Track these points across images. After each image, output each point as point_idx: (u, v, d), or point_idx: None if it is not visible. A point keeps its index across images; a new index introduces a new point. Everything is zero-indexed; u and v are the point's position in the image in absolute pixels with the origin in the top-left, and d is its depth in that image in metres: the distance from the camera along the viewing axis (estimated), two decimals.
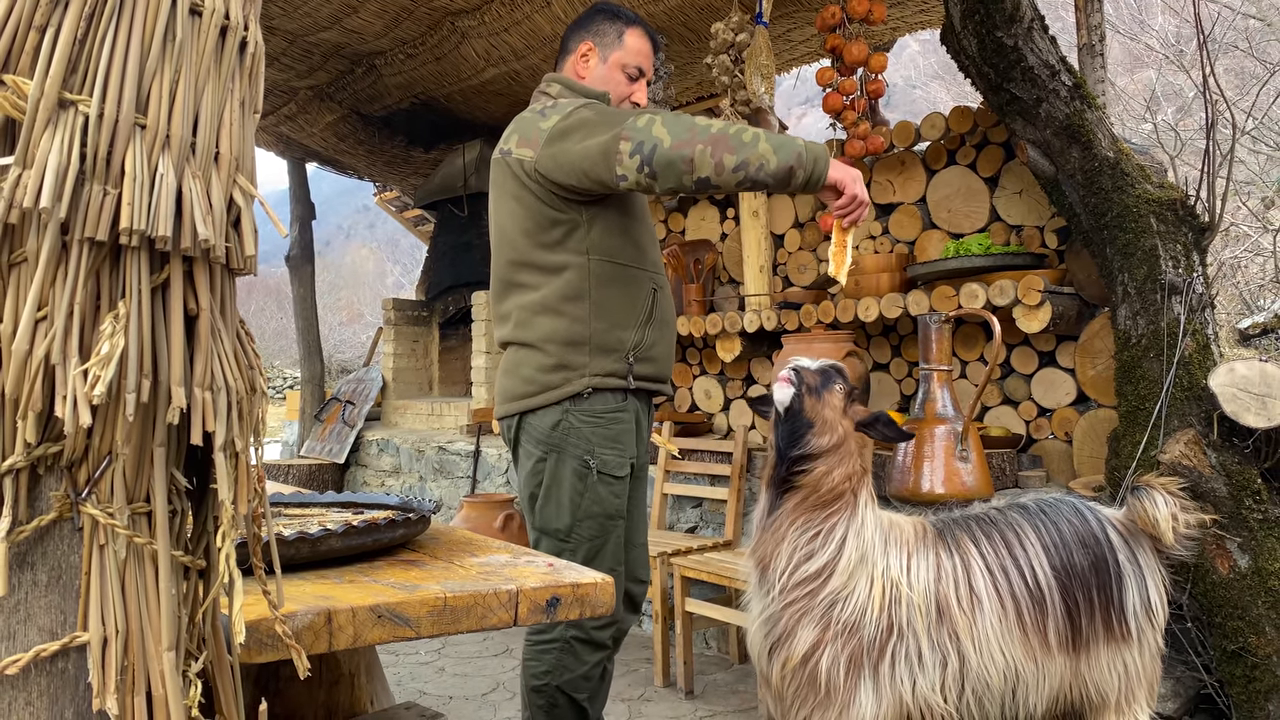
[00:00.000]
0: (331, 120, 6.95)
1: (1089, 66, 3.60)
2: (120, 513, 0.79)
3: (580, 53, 2.46)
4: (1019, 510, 2.21)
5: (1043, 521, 2.17)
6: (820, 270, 4.59)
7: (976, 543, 2.13)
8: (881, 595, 2.03)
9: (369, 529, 1.48)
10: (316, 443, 7.30)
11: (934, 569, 2.08)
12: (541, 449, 2.31)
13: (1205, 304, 2.94)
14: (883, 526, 2.13)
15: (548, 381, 2.29)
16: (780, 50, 5.68)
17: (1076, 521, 2.18)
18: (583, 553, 2.28)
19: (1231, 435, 2.73)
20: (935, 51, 17.42)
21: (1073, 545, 2.13)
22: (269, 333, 22.26)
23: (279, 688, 1.78)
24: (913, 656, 2.02)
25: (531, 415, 2.32)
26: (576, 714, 2.32)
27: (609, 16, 2.47)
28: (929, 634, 2.03)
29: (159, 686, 0.79)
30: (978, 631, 2.03)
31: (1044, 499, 2.25)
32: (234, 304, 0.87)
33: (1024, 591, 2.08)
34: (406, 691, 3.75)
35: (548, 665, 2.29)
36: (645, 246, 2.41)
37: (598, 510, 2.30)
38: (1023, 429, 3.87)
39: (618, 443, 2.33)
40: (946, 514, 2.25)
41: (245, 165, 0.86)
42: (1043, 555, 2.11)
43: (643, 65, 2.47)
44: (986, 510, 2.24)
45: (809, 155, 2.05)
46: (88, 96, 0.77)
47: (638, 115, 2.09)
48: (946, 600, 2.05)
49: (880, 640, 2.01)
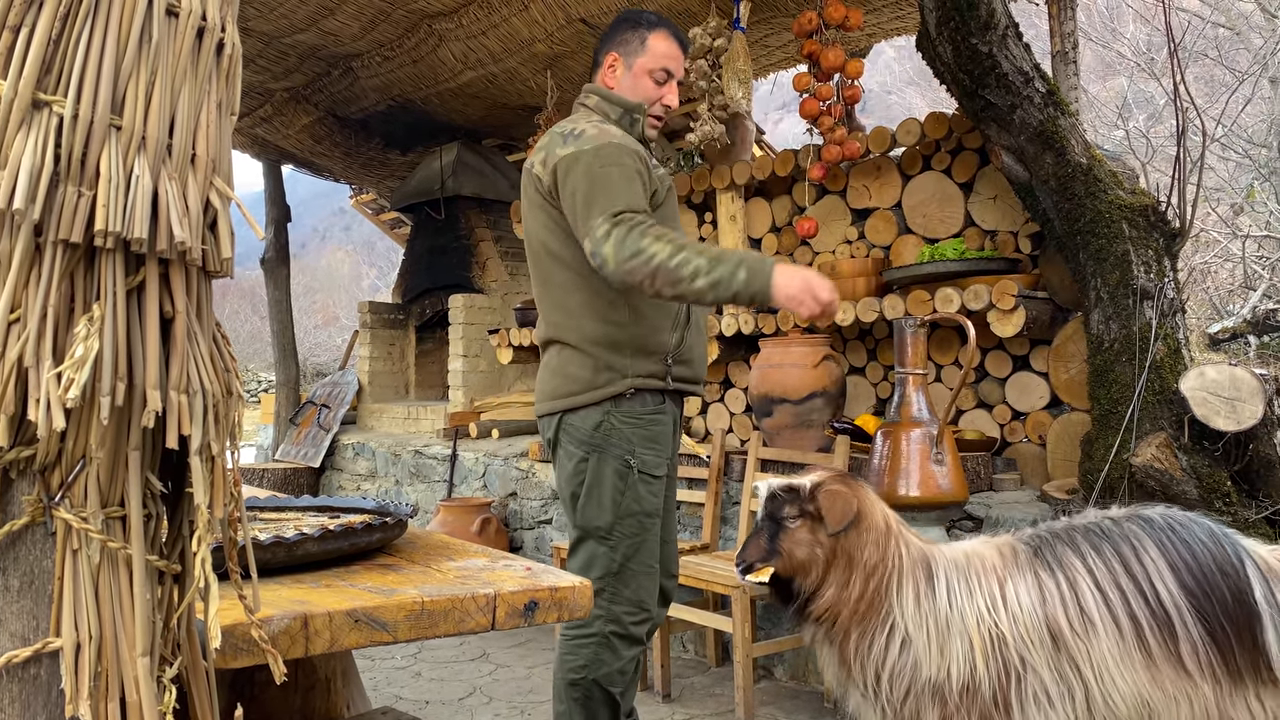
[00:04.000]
0: (308, 122, 6.91)
1: (1062, 73, 3.64)
2: (94, 517, 0.78)
3: (608, 64, 2.52)
4: (1140, 522, 1.98)
5: (1170, 538, 1.93)
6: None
7: (1084, 557, 1.93)
8: (982, 643, 1.87)
9: (345, 533, 1.48)
10: (292, 446, 7.24)
11: (1036, 591, 1.90)
12: (584, 449, 2.37)
13: (1176, 309, 2.98)
14: (959, 568, 1.97)
15: (592, 381, 2.36)
16: (757, 56, 5.71)
17: (1211, 545, 1.92)
18: (623, 550, 2.35)
19: (1202, 438, 2.76)
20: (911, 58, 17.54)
21: (1208, 568, 1.89)
22: (244, 336, 22.11)
23: (254, 693, 1.76)
24: (1040, 694, 1.86)
25: (573, 415, 2.38)
26: (610, 707, 2.38)
27: (631, 25, 2.52)
28: (1049, 665, 1.86)
29: (133, 692, 0.78)
30: (1095, 656, 1.85)
31: (1173, 514, 2.00)
32: (210, 307, 0.87)
33: (1145, 610, 1.86)
34: (383, 696, 3.73)
35: (585, 659, 2.34)
36: None
37: (638, 509, 2.36)
38: (997, 432, 3.91)
39: (656, 443, 2.40)
40: (1044, 527, 2.06)
41: (222, 167, 0.86)
42: (1167, 573, 1.88)
43: (669, 67, 2.50)
44: (1097, 520, 2.01)
45: (747, 291, 2.10)
46: (62, 97, 0.76)
47: (601, 221, 2.20)
48: (1057, 624, 1.87)
49: (1001, 689, 1.86)
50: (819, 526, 2.00)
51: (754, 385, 4.00)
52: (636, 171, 2.31)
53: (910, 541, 2.03)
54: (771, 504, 2.06)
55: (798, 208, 4.64)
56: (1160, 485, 2.69)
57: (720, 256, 2.13)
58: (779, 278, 2.11)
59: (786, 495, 2.04)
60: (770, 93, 7.41)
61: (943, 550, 2.04)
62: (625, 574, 2.35)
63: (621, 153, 2.32)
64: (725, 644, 4.06)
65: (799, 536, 2.01)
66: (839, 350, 4.41)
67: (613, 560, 2.35)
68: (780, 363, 3.88)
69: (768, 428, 3.94)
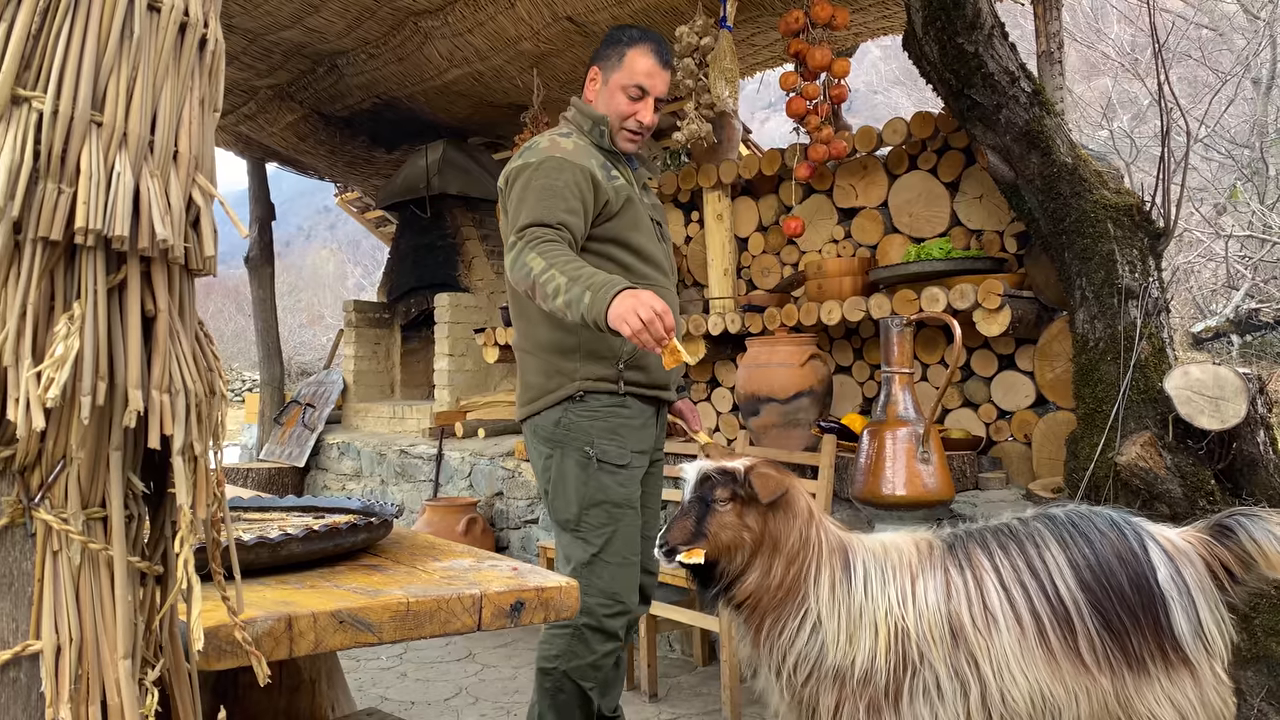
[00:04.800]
0: (292, 120, 6.87)
1: (1047, 73, 3.65)
2: (75, 518, 0.77)
3: (590, 77, 2.59)
4: (1045, 520, 2.04)
5: (1070, 534, 1.99)
6: (783, 273, 4.61)
7: (991, 555, 1.98)
8: (888, 636, 1.91)
9: (330, 533, 1.47)
10: (276, 446, 7.21)
11: (943, 588, 1.94)
12: (548, 446, 2.46)
13: (1161, 308, 2.99)
14: (876, 559, 2.00)
15: (545, 386, 2.47)
16: (744, 54, 5.70)
17: (1111, 535, 1.98)
18: (595, 541, 2.38)
19: (1186, 437, 2.78)
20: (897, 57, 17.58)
21: (1107, 559, 1.94)
22: (228, 335, 22.00)
23: (238, 695, 1.75)
24: (930, 688, 1.89)
25: (537, 416, 2.48)
26: (581, 702, 2.39)
27: (613, 41, 2.56)
28: (946, 661, 1.89)
29: (114, 695, 0.77)
30: (995, 652, 1.88)
31: (1077, 509, 2.06)
32: (193, 305, 0.86)
33: (1045, 608, 1.91)
34: (368, 697, 3.71)
35: (558, 650, 2.37)
36: (647, 257, 2.53)
37: (602, 498, 2.40)
38: (983, 431, 3.92)
39: (616, 434, 2.44)
40: (963, 526, 2.11)
41: (205, 164, 0.85)
42: (1066, 568, 1.94)
43: (644, 84, 2.52)
44: (1007, 521, 2.07)
45: (590, 315, 2.10)
46: (42, 93, 0.75)
47: (512, 235, 2.32)
48: (960, 620, 1.91)
49: (895, 679, 1.90)
50: (748, 510, 1.99)
51: (741, 384, 4.00)
52: (572, 184, 2.36)
53: (830, 529, 2.04)
54: (702, 486, 2.03)
55: (784, 207, 4.64)
56: (1145, 484, 2.70)
57: (578, 278, 2.14)
58: (614, 305, 2.07)
59: (719, 477, 2.02)
60: (757, 91, 7.42)
61: (862, 539, 2.06)
62: (597, 565, 2.37)
63: (561, 168, 2.37)
64: (712, 643, 4.06)
65: (727, 519, 1.99)
66: (826, 349, 4.41)
67: (585, 551, 2.39)
68: (767, 362, 3.88)
69: (755, 427, 3.94)
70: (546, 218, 2.30)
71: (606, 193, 2.44)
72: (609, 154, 2.55)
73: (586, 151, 2.47)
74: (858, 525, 3.37)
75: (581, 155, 2.44)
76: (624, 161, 2.61)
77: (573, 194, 2.36)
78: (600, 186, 2.43)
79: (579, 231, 2.37)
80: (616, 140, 2.56)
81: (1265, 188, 9.70)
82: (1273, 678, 2.53)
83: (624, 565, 2.41)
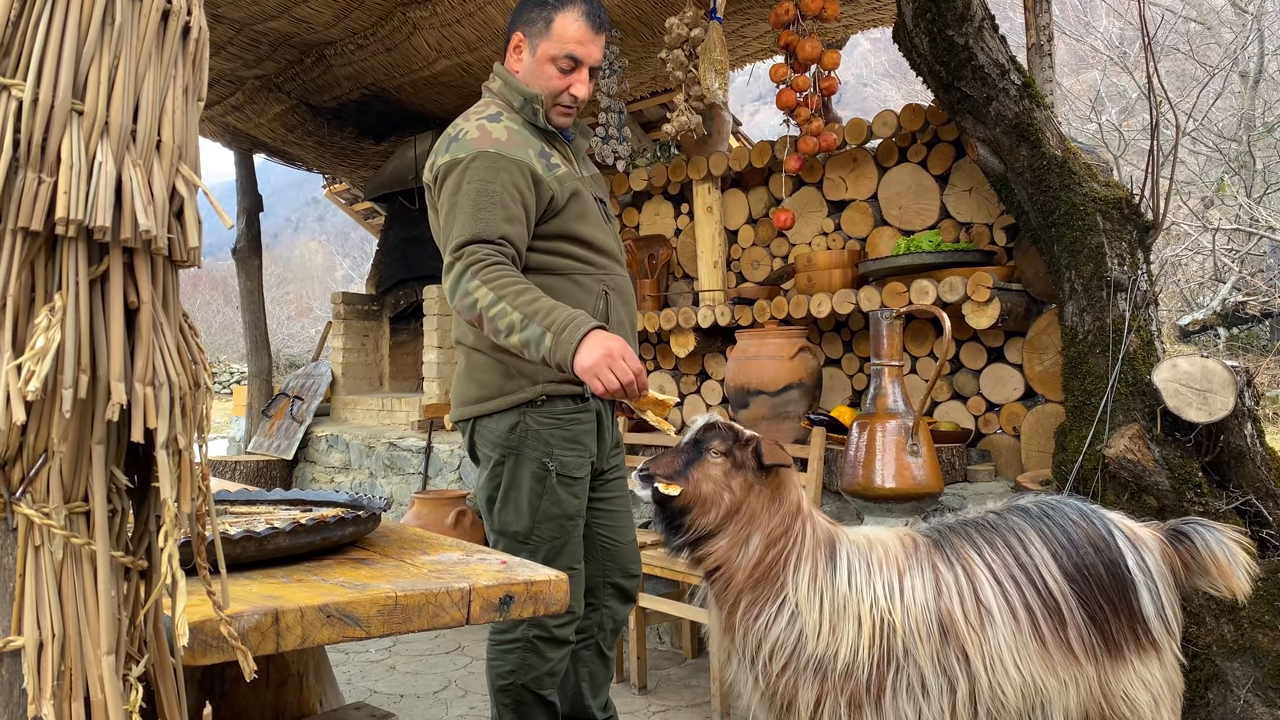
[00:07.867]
0: (280, 111, 6.82)
1: (1037, 66, 3.65)
2: (57, 512, 0.76)
3: (513, 45, 2.33)
4: (1019, 513, 2.05)
5: (1047, 524, 2.01)
6: (773, 266, 4.61)
7: (979, 550, 1.97)
8: (872, 629, 1.89)
9: (318, 527, 1.46)
10: (264, 439, 7.18)
11: (933, 584, 1.92)
12: (499, 452, 2.28)
13: (1149, 301, 3.00)
14: (861, 551, 1.97)
15: (502, 387, 2.27)
16: (734, 46, 5.69)
17: (1083, 524, 2.01)
18: (542, 554, 2.27)
19: (1174, 430, 2.79)
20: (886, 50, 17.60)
21: (1084, 548, 1.97)
22: (215, 327, 21.92)
23: (224, 690, 1.74)
24: (914, 685, 1.87)
25: (486, 419, 2.30)
26: (544, 709, 2.33)
27: (537, 2, 2.29)
28: (932, 659, 1.88)
29: (98, 691, 0.77)
30: (989, 648, 1.88)
31: (1045, 500, 2.08)
32: (177, 297, 0.85)
33: (1037, 600, 1.92)
34: (357, 690, 3.70)
35: (512, 665, 2.28)
36: (598, 248, 2.35)
37: (557, 512, 2.27)
38: (972, 424, 3.93)
39: (577, 443, 2.30)
40: (940, 520, 2.10)
41: (189, 154, 0.84)
42: (1051, 560, 1.95)
43: (576, 54, 2.26)
44: (983, 515, 2.07)
45: (553, 359, 1.98)
46: (21, 81, 0.74)
47: (449, 254, 2.13)
48: (951, 617, 1.90)
49: (879, 675, 1.88)
50: (736, 473, 1.97)
51: (730, 377, 4.00)
52: (510, 187, 2.15)
53: (819, 524, 2.03)
54: (705, 433, 2.01)
55: (774, 199, 4.64)
56: (1133, 476, 2.71)
57: (534, 314, 1.99)
58: (582, 352, 1.94)
59: (724, 431, 2.00)
60: (747, 84, 7.42)
61: (848, 532, 2.05)
62: None
63: (496, 167, 2.15)
64: (701, 636, 4.06)
65: (713, 471, 1.96)
66: (815, 342, 4.41)
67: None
68: (757, 355, 3.88)
69: (744, 419, 3.94)
70: (485, 232, 2.09)
71: (550, 188, 2.23)
72: (544, 134, 2.32)
73: (522, 139, 2.23)
74: (846, 517, 3.38)
75: (516, 146, 2.20)
76: (560, 139, 2.37)
77: (512, 198, 2.14)
78: (542, 183, 2.22)
79: (522, 242, 2.17)
80: (551, 117, 2.32)
81: (1252, 181, 9.74)
82: (1259, 669, 2.55)
83: (572, 574, 2.29)
